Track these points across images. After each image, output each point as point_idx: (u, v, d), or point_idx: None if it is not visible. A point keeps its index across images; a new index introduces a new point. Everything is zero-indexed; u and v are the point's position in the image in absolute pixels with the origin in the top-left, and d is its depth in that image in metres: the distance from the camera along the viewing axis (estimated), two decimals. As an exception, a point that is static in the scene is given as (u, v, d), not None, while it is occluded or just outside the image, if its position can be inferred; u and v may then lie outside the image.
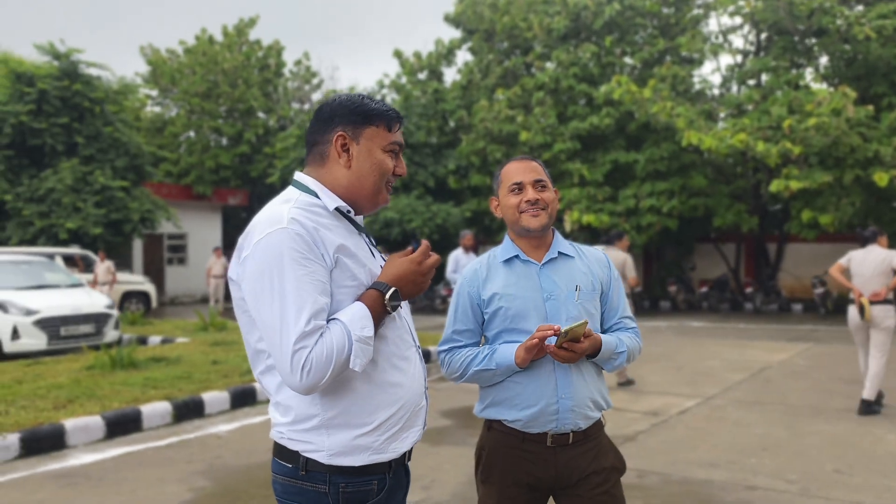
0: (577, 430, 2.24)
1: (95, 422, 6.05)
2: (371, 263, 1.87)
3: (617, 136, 18.63)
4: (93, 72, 21.48)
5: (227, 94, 26.48)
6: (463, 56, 25.98)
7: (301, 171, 1.94)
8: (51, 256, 16.89)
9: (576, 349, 2.11)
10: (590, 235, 18.62)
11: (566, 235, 19.11)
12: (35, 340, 10.15)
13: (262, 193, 26.71)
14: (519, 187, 2.30)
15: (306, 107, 29.01)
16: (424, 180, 20.10)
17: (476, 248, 10.43)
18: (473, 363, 2.27)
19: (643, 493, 4.63)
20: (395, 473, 1.85)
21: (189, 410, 6.78)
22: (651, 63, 19.23)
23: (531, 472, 2.24)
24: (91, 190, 19.58)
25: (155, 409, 6.52)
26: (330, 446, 1.74)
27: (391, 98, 22.49)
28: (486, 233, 20.97)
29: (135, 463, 5.40)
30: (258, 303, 1.69)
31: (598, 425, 2.32)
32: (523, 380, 2.24)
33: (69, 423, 5.87)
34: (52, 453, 5.61)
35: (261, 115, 27.89)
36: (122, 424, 6.21)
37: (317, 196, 1.84)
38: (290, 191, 1.88)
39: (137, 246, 24.08)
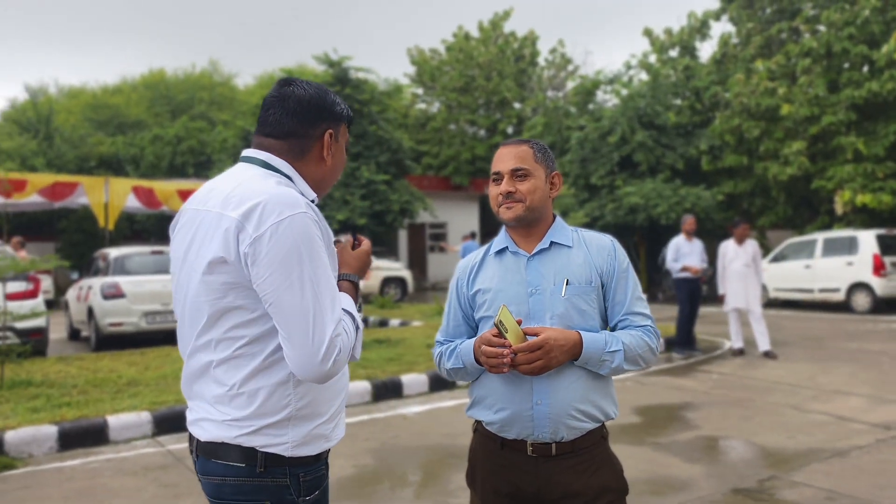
0: (563, 441, 2.00)
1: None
2: (334, 255, 1.88)
3: (902, 103, 16.06)
4: (361, 76, 23.53)
5: (482, 87, 27.43)
6: (719, 28, 24.11)
7: (264, 150, 1.84)
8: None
9: (535, 357, 1.89)
10: (867, 218, 16.30)
11: (837, 218, 16.95)
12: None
13: (516, 182, 27.26)
14: (498, 177, 2.12)
15: (560, 94, 28.98)
16: (672, 163, 19.05)
17: (741, 237, 9.59)
18: (445, 360, 2.15)
19: (820, 519, 3.99)
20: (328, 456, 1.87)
21: (387, 391, 7.19)
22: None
23: (511, 482, 2.04)
24: (358, 184, 21.52)
25: (355, 388, 7.01)
26: (292, 438, 1.71)
27: (639, 78, 21.64)
28: (746, 217, 19.31)
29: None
30: (283, 287, 1.60)
31: (592, 437, 2.04)
32: (498, 379, 2.05)
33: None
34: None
35: (516, 105, 28.48)
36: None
37: (292, 181, 1.79)
38: (263, 172, 1.78)
39: (402, 235, 25.98)
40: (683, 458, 5.13)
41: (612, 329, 2.10)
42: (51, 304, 17.64)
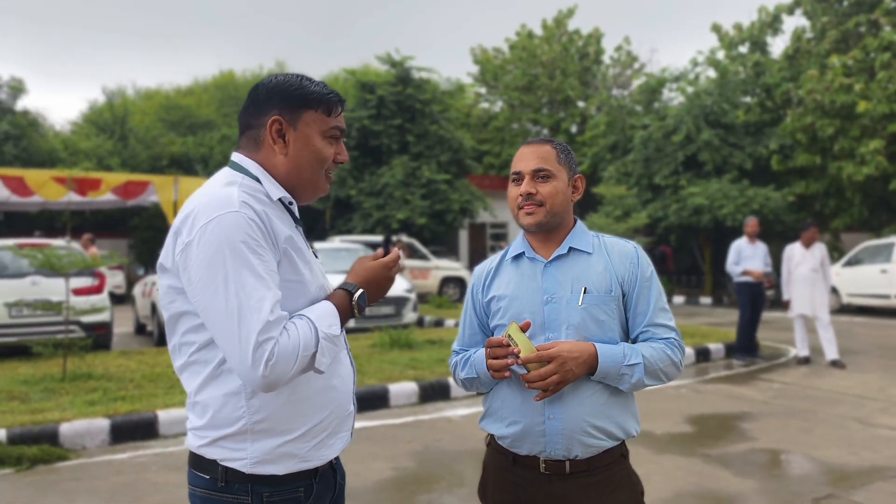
0: (577, 459, 1.90)
1: (347, 396, 6.69)
2: (313, 260, 1.78)
3: None
4: (423, 75, 23.59)
5: (545, 85, 27.16)
6: (791, 23, 23.20)
7: (237, 151, 1.79)
8: (376, 245, 19.08)
9: (548, 372, 1.79)
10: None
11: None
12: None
13: (579, 182, 26.90)
14: (518, 177, 2.01)
15: (625, 92, 28.44)
16: (740, 162, 18.44)
17: (809, 240, 9.21)
18: (459, 370, 2.06)
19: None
20: (322, 477, 1.74)
21: (434, 392, 7.14)
22: None
23: (523, 500, 1.94)
24: (418, 183, 21.58)
25: (402, 389, 7.00)
26: (252, 454, 1.62)
27: (706, 75, 21.04)
28: (819, 219, 18.54)
29: (364, 437, 5.86)
30: (208, 292, 1.53)
31: (610, 456, 1.93)
32: (509, 390, 1.96)
33: (324, 395, 6.57)
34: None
35: (580, 103, 28.10)
36: (371, 401, 6.78)
37: (259, 182, 1.70)
38: (229, 173, 1.72)
39: (463, 235, 25.95)
40: (735, 471, 4.91)
41: (634, 341, 1.99)
42: (122, 300, 18.30)
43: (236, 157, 1.76)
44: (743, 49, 20.63)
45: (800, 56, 18.94)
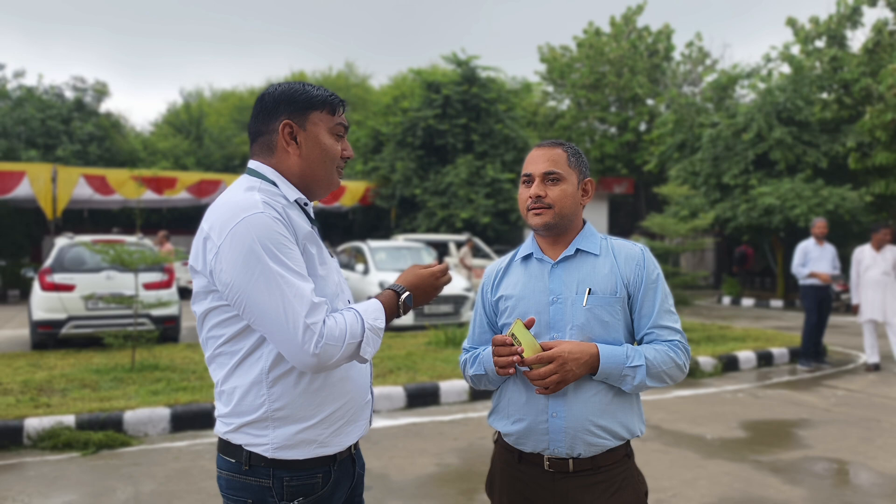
0: (580, 457, 1.92)
1: (398, 392, 6.82)
2: (329, 259, 1.88)
3: None
4: (490, 74, 23.60)
5: (613, 83, 26.78)
6: (873, 15, 22.20)
7: (252, 159, 1.90)
8: (444, 243, 19.20)
9: (548, 372, 1.83)
10: None
11: None
12: (404, 317, 11.65)
13: (648, 181, 26.45)
14: (529, 179, 2.04)
15: (696, 89, 27.76)
16: (815, 161, 17.78)
17: (880, 242, 8.93)
18: (468, 367, 2.11)
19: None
20: (340, 465, 1.85)
21: (484, 391, 7.17)
22: None
23: (528, 497, 1.98)
24: (482, 182, 21.62)
25: (453, 386, 7.07)
26: (274, 440, 1.74)
27: (779, 71, 20.35)
28: (900, 220, 17.73)
29: (413, 433, 5.96)
30: (249, 290, 1.64)
31: (614, 456, 1.94)
32: (515, 388, 2.00)
33: (376, 391, 6.71)
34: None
35: (649, 101, 27.59)
36: (422, 397, 6.88)
37: (276, 186, 1.82)
38: (247, 179, 1.83)
39: (527, 234, 25.85)
40: (785, 479, 4.80)
41: (639, 342, 2.00)
42: (195, 294, 18.97)
43: (252, 164, 1.88)
44: (819, 43, 19.86)
45: (880, 50, 18.11)
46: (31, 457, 5.27)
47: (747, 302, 18.41)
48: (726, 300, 18.99)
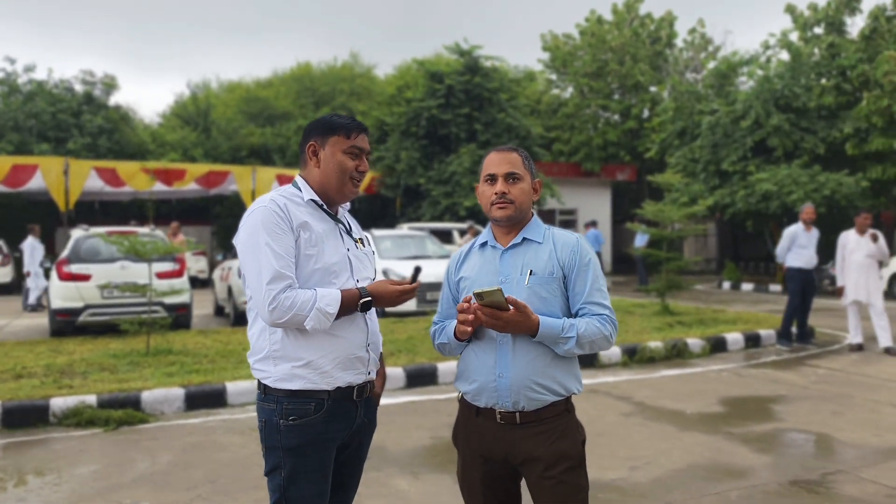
0: (526, 411, 2.30)
1: (398, 373, 7.23)
2: (336, 244, 2.40)
3: None
4: (493, 63, 23.84)
5: (615, 71, 27.00)
6: (871, 2, 22.31)
7: None
8: (448, 231, 19.57)
9: (498, 316, 2.19)
10: None
11: None
12: (407, 303, 12.06)
13: (650, 168, 26.71)
14: (492, 178, 2.41)
15: (699, 76, 27.96)
16: (813, 147, 18.04)
17: (862, 227, 9.22)
18: (436, 337, 2.49)
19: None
20: (336, 403, 2.34)
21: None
22: None
23: (484, 446, 2.36)
24: (485, 171, 21.90)
25: (450, 367, 7.45)
26: (275, 374, 2.32)
27: (777, 58, 20.54)
28: (897, 205, 17.99)
29: (410, 410, 6.37)
30: (245, 259, 2.30)
31: (555, 409, 2.31)
32: (471, 354, 2.38)
33: (377, 372, 7.12)
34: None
35: (651, 88, 27.80)
36: (420, 377, 7.29)
37: (299, 189, 2.44)
38: (287, 186, 2.48)
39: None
40: (752, 448, 5.18)
41: (574, 315, 2.37)
42: (205, 283, 19.41)
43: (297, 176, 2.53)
44: (818, 30, 20.07)
45: (878, 36, 18.34)
46: (57, 433, 5.71)
47: (747, 287, 18.73)
48: (726, 285, 19.33)
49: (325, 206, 2.44)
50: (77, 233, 10.54)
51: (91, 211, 23.26)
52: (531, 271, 2.34)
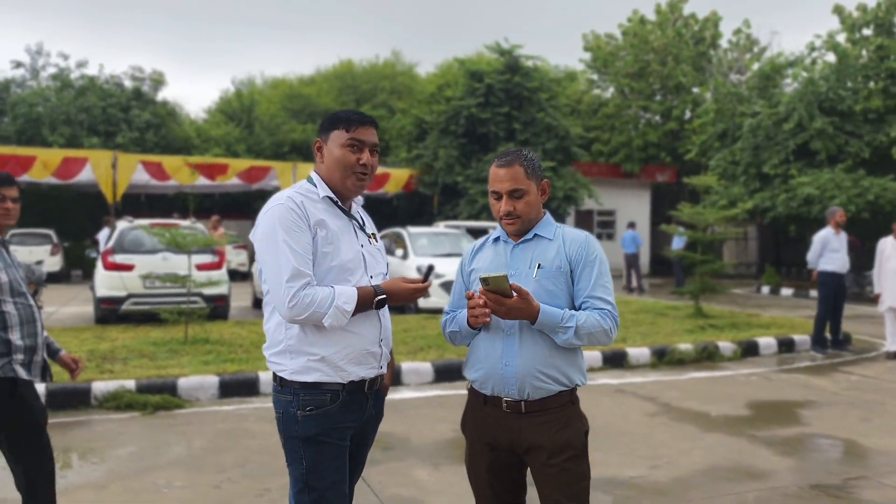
0: (531, 400, 2.38)
1: (426, 367, 7.35)
2: (350, 240, 2.46)
3: None
4: (534, 63, 23.83)
5: (657, 71, 26.76)
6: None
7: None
8: (484, 229, 19.65)
9: (501, 302, 2.28)
10: None
11: None
12: (440, 299, 12.16)
13: (690, 169, 26.41)
14: (497, 195, 2.50)
15: (743, 78, 27.54)
16: (858, 151, 17.68)
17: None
18: (448, 326, 2.59)
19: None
20: (350, 395, 2.41)
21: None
22: None
23: (491, 433, 2.46)
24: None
25: (478, 364, 7.56)
26: (291, 366, 2.38)
27: (823, 60, 20.15)
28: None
29: (437, 404, 6.49)
30: (263, 256, 2.36)
31: (560, 399, 2.39)
32: (480, 343, 2.47)
33: (405, 366, 7.26)
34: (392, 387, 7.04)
35: (694, 90, 27.47)
36: (449, 372, 7.39)
37: (314, 185, 2.49)
38: (302, 182, 2.54)
39: (570, 222, 26.11)
40: (775, 451, 5.18)
41: (578, 308, 2.44)
42: (245, 276, 19.81)
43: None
44: (867, 31, 19.63)
45: (928, 38, 17.89)
46: (98, 415, 5.97)
47: (786, 291, 18.44)
48: (765, 289, 19.05)
49: (339, 203, 2.49)
50: (122, 224, 10.89)
51: (137, 203, 23.86)
52: (539, 265, 2.44)
